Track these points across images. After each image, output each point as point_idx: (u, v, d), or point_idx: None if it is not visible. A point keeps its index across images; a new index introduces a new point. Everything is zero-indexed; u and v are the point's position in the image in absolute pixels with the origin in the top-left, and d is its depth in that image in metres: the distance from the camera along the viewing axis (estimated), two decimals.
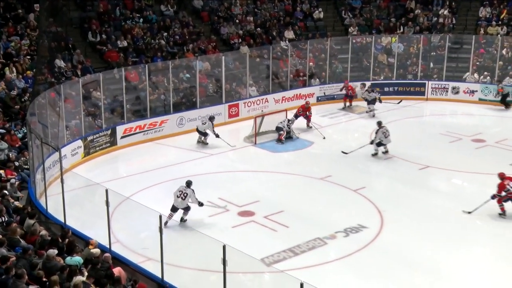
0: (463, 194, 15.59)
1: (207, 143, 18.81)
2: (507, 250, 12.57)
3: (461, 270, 11.73)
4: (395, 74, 24.84)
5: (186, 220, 13.54)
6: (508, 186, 13.69)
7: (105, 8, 23.67)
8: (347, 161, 17.55)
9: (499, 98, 22.74)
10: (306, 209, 14.40)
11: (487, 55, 24.72)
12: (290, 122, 19.47)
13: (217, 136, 18.64)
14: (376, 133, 17.68)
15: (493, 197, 13.83)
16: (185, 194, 13.22)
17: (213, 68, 22.57)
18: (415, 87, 24.39)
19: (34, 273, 9.34)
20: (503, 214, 13.80)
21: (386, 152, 17.82)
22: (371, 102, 22.01)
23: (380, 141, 17.63)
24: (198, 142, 18.96)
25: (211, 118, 18.97)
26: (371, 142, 17.72)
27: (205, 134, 18.80)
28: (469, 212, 13.99)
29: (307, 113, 20.49)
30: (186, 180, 13.48)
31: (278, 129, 19.25)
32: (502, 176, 13.97)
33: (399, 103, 23.13)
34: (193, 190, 13.32)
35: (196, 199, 13.33)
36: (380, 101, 22.22)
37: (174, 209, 13.29)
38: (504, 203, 13.73)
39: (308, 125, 20.49)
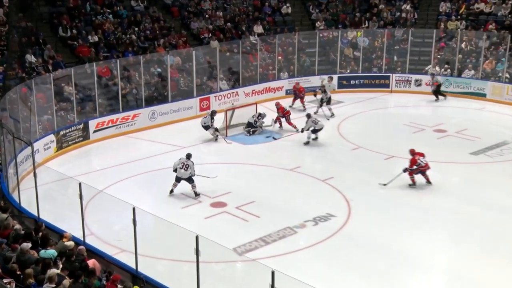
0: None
1: (216, 137, 18.60)
2: (464, 231, 12.91)
3: (423, 254, 11.92)
4: (361, 67, 25.07)
5: (199, 194, 14.51)
6: (419, 161, 14.84)
7: (75, 3, 23.28)
8: (316, 153, 17.71)
9: (433, 89, 23.14)
10: (276, 199, 14.47)
11: (448, 48, 25.10)
12: (259, 118, 19.39)
13: (216, 130, 18.65)
14: (306, 122, 18.04)
15: (405, 170, 14.93)
16: (187, 165, 14.42)
17: (184, 63, 22.44)
18: (380, 79, 24.65)
19: (8, 266, 9.20)
20: (413, 185, 15.00)
21: (316, 138, 18.25)
22: (328, 102, 21.22)
23: (313, 128, 17.97)
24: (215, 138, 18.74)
25: (212, 113, 18.81)
26: (302, 130, 18.28)
27: (207, 128, 18.58)
28: (385, 184, 14.97)
29: (283, 112, 19.90)
30: (158, 169, 13.70)
31: (250, 125, 19.21)
32: (413, 152, 15.09)
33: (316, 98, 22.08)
34: (192, 162, 14.50)
35: (194, 170, 14.45)
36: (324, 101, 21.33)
37: (178, 179, 14.49)
38: (415, 175, 14.94)
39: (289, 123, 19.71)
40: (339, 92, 24.19)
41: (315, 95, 21.77)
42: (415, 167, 14.87)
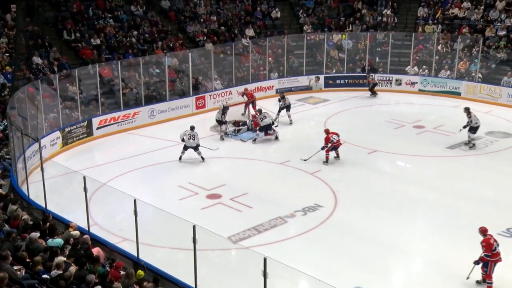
0: (406, 174, 15.94)
1: (225, 132, 18.46)
2: (441, 219, 12.97)
3: (405, 241, 12.00)
4: (345, 68, 25.07)
5: (204, 158, 16.14)
6: (331, 138, 15.85)
7: (79, 8, 23.14)
8: (304, 147, 17.67)
9: (370, 87, 23.38)
10: (267, 191, 14.47)
11: (425, 50, 25.14)
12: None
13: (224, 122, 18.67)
14: (262, 119, 17.98)
15: (322, 148, 15.91)
16: (193, 136, 16.00)
17: (181, 64, 22.36)
18: (363, 79, 24.68)
19: (18, 254, 9.17)
20: (326, 162, 15.93)
21: (276, 138, 18.14)
22: (287, 108, 19.90)
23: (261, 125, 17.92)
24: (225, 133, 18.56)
25: (224, 109, 18.72)
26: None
27: (220, 123, 18.46)
28: (305, 160, 16.00)
29: (251, 97, 19.84)
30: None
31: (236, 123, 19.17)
32: (327, 132, 16.13)
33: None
34: (196, 133, 16.09)
35: (199, 140, 16.02)
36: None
37: (186, 148, 16.08)
38: (330, 152, 15.96)
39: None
40: (325, 91, 24.27)
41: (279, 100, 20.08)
42: (329, 144, 15.81)
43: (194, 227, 8.91)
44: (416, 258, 11.63)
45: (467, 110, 17.27)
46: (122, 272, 9.36)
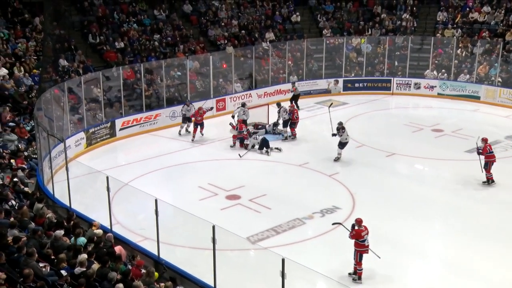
0: (424, 177, 15.74)
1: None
2: (458, 222, 12.88)
3: (423, 244, 11.88)
4: (364, 71, 24.92)
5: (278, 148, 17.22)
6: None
7: (104, 12, 23.40)
8: (323, 150, 17.59)
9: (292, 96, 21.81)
10: (286, 192, 14.44)
11: (444, 54, 24.87)
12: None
13: (232, 116, 18.91)
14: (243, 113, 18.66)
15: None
16: (245, 111, 18.28)
17: (202, 67, 22.45)
18: (382, 83, 24.50)
19: (44, 251, 9.28)
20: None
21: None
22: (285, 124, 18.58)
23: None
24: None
25: (243, 104, 19.16)
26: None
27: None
28: (240, 156, 16.63)
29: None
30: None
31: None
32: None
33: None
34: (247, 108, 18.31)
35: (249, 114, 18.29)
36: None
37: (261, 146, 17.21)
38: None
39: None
40: (344, 94, 24.15)
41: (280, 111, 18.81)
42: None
43: (213, 227, 8.93)
44: (433, 260, 11.47)
45: (340, 124, 16.40)
46: (143, 270, 9.42)
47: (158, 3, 25.40)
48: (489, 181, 14.72)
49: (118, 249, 10.01)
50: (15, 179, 12.85)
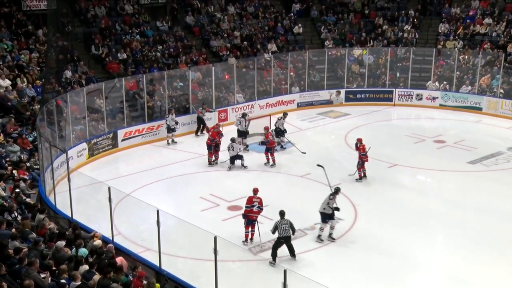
0: (426, 189, 15.71)
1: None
2: (460, 233, 12.80)
3: (425, 255, 11.83)
4: (366, 83, 24.99)
5: (246, 166, 16.71)
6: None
7: (107, 24, 23.56)
8: (324, 161, 17.55)
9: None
10: (288, 203, 14.28)
11: (446, 66, 24.93)
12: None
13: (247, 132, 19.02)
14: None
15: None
16: (232, 147, 16.49)
17: (204, 78, 22.54)
18: (383, 94, 24.55)
19: (45, 262, 9.26)
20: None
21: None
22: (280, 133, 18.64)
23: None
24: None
25: (243, 115, 19.19)
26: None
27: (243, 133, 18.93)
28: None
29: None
30: (169, 178, 13.86)
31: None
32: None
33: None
34: (237, 143, 16.77)
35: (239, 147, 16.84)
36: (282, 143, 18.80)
37: (232, 161, 16.66)
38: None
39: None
40: (346, 105, 24.19)
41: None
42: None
43: (215, 238, 8.91)
44: (435, 272, 11.42)
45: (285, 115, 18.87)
46: (144, 282, 9.39)
47: (161, 15, 25.59)
48: (361, 178, 15.80)
49: (119, 260, 9.99)
50: (17, 190, 12.86)
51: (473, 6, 27.40)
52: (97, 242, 10.56)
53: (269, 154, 17.14)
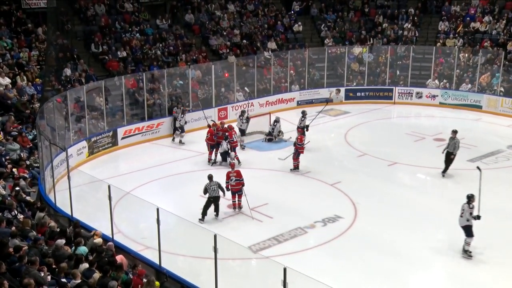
0: (426, 187, 15.73)
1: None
2: (460, 231, 12.62)
3: (425, 254, 11.82)
4: (366, 81, 24.98)
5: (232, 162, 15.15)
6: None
7: (106, 22, 23.53)
8: (324, 159, 17.62)
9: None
10: (288, 201, 14.42)
11: (446, 64, 24.92)
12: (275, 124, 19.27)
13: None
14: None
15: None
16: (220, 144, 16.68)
17: (204, 76, 22.52)
18: (383, 92, 24.54)
19: (45, 261, 9.26)
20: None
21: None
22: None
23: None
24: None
25: (242, 112, 19.29)
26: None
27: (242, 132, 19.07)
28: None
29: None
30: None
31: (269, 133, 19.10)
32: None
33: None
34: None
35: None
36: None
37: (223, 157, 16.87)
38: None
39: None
40: (346, 103, 24.20)
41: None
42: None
43: (215, 236, 8.91)
44: (436, 271, 11.44)
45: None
46: (144, 280, 9.39)
47: (160, 13, 25.56)
48: (296, 168, 16.21)
49: (119, 258, 9.99)
50: (17, 188, 12.85)
51: (473, 4, 27.39)
52: (97, 240, 10.57)
53: (233, 152, 16.51)
